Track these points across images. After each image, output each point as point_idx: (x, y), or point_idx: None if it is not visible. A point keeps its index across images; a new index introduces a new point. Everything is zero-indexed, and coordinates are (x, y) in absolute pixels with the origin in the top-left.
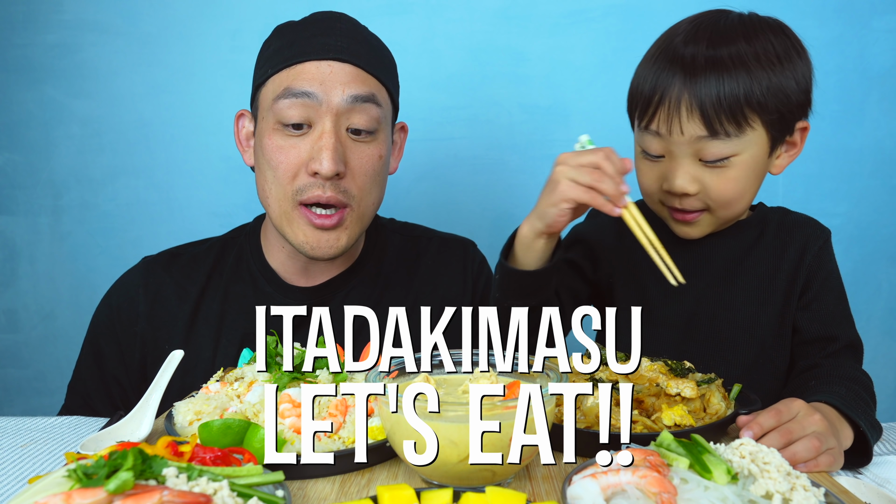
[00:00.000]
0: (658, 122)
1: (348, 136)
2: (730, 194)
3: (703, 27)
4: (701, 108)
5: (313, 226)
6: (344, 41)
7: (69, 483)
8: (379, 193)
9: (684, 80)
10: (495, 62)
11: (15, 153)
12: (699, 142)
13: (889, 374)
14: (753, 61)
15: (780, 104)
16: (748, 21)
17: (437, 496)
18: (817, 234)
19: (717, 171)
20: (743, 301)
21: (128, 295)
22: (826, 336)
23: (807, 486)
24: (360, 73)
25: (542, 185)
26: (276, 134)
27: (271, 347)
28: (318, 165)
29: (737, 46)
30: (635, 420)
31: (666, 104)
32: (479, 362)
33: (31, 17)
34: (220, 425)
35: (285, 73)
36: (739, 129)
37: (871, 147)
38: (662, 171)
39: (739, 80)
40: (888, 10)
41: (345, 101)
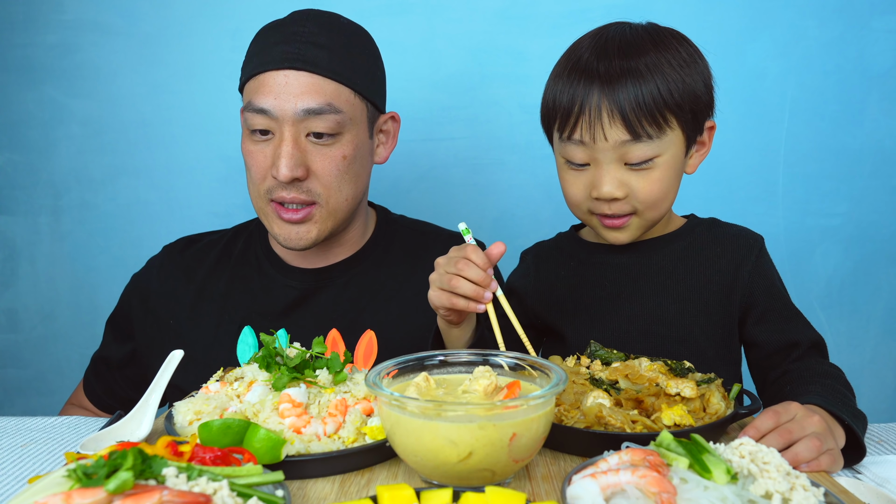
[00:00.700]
0: (581, 131)
1: (309, 140)
2: (656, 194)
3: (611, 40)
4: (622, 113)
5: (283, 220)
6: (302, 48)
7: (69, 483)
8: (351, 190)
9: (602, 88)
10: (495, 62)
11: (15, 153)
12: (623, 146)
13: (889, 374)
14: (666, 66)
15: (693, 104)
16: (652, 31)
17: (436, 496)
18: (750, 244)
19: (641, 173)
20: (675, 314)
21: (146, 276)
22: (788, 344)
23: (806, 486)
24: (316, 82)
25: (542, 185)
26: (248, 139)
27: (270, 347)
28: (276, 171)
29: (648, 55)
30: (635, 420)
31: (587, 113)
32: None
33: (31, 17)
34: (220, 425)
35: (251, 83)
36: (660, 131)
37: (871, 147)
38: (588, 179)
39: (656, 82)
40: (888, 10)
41: (298, 113)
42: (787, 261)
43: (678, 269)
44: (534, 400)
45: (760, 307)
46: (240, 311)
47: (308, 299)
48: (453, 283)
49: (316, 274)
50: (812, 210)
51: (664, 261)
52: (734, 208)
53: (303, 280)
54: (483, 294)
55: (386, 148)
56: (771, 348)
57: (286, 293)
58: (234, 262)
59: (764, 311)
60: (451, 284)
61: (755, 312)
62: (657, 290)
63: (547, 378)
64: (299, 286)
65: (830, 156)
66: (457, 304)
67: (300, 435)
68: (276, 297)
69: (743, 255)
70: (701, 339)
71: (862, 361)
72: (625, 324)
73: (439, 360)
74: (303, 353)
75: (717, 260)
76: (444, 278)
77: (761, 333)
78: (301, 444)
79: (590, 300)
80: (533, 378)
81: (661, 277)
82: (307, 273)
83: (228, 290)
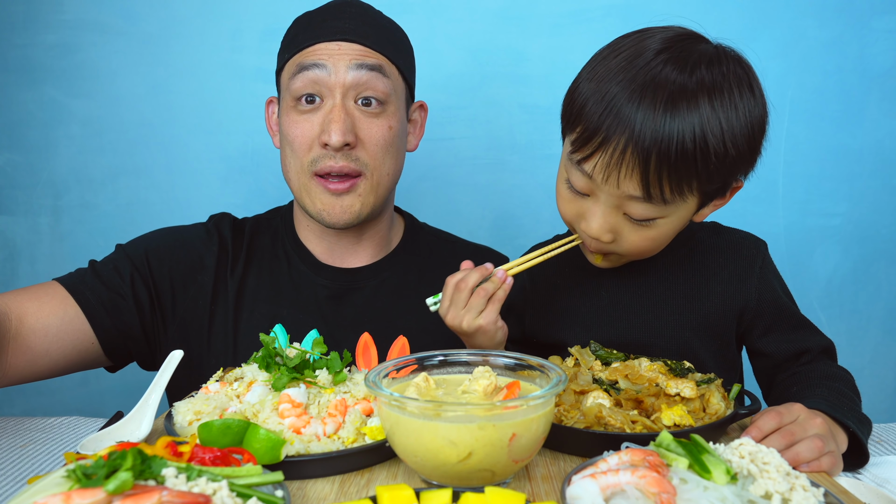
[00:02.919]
0: (594, 166)
1: (357, 107)
2: (642, 248)
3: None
4: (644, 174)
5: (328, 192)
6: (352, 23)
7: (68, 483)
8: (393, 164)
9: (632, 136)
10: (495, 62)
11: (15, 153)
12: (629, 200)
13: (889, 374)
14: (713, 125)
15: (728, 174)
16: (715, 63)
17: (436, 496)
18: (753, 253)
19: (636, 227)
20: (674, 327)
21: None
22: (797, 352)
23: (806, 486)
24: (367, 50)
25: (542, 185)
26: (292, 111)
27: (271, 347)
28: (327, 137)
29: (699, 110)
30: (635, 420)
31: (609, 153)
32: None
33: (31, 17)
34: (220, 425)
35: (299, 55)
36: (676, 199)
37: (871, 147)
38: (582, 208)
39: (696, 149)
40: (888, 10)
41: (352, 70)
42: (787, 261)
43: (679, 278)
44: (533, 400)
45: (767, 320)
46: (270, 307)
47: (340, 299)
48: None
49: (348, 274)
50: (812, 210)
51: (664, 269)
52: (734, 208)
53: (335, 279)
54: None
55: (415, 136)
56: (780, 358)
57: (317, 292)
58: (261, 256)
59: (771, 324)
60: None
61: (762, 325)
62: (656, 301)
63: (547, 378)
64: (331, 285)
65: (830, 156)
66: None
67: (300, 435)
68: (307, 295)
69: (746, 265)
70: (700, 351)
71: (862, 361)
72: (622, 335)
73: (439, 360)
74: (302, 353)
75: (719, 270)
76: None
77: (769, 344)
78: (301, 444)
79: (587, 310)
80: (533, 378)
81: (661, 288)
82: (339, 272)
83: (257, 285)
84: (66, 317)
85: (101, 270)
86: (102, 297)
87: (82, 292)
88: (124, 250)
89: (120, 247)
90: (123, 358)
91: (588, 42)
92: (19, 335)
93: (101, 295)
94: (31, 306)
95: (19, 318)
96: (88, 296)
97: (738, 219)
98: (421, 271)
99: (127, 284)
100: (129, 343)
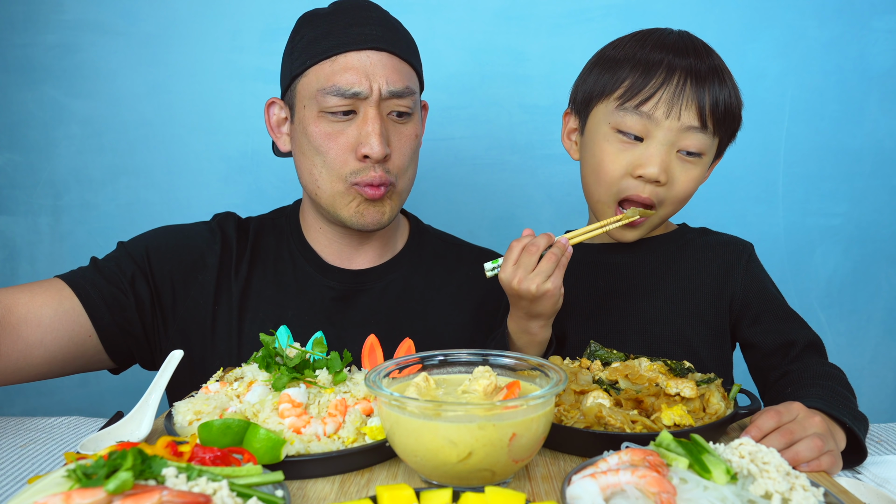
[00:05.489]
0: (657, 103)
1: (390, 119)
2: (688, 192)
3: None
4: (700, 102)
5: (367, 199)
6: (379, 30)
7: (69, 483)
8: (413, 171)
9: (690, 75)
10: (495, 62)
11: (15, 153)
12: (685, 132)
13: (889, 374)
14: (730, 76)
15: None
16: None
17: (436, 496)
18: (739, 250)
19: (686, 165)
20: (668, 314)
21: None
22: (784, 343)
23: (806, 486)
24: (398, 63)
25: (542, 185)
26: (322, 121)
27: (270, 347)
28: (368, 150)
29: (720, 59)
30: (635, 420)
31: (671, 89)
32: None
33: (31, 17)
34: (220, 425)
35: (328, 65)
36: (715, 133)
37: (871, 147)
38: (635, 156)
39: (729, 88)
40: (888, 10)
41: (386, 93)
42: (787, 261)
43: (670, 270)
44: (533, 400)
45: (754, 309)
46: (275, 308)
47: (347, 301)
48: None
49: (354, 276)
50: (812, 210)
51: (657, 262)
52: (734, 208)
53: (341, 281)
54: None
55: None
56: (767, 348)
57: (323, 293)
58: (265, 256)
59: (758, 313)
60: (550, 261)
61: (749, 315)
62: (650, 289)
63: (547, 378)
64: (337, 287)
65: (830, 156)
66: (563, 264)
67: (300, 435)
68: (313, 296)
69: (733, 260)
70: (693, 340)
71: (862, 361)
72: (619, 322)
73: (439, 360)
74: (302, 353)
75: (708, 264)
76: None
77: (756, 335)
78: (301, 444)
79: (585, 298)
80: (533, 378)
81: (653, 278)
82: (346, 274)
83: (262, 286)
84: (61, 308)
85: (103, 267)
86: (103, 292)
87: (82, 286)
88: (126, 248)
89: (121, 244)
90: (125, 357)
91: (588, 42)
92: (8, 324)
93: (102, 289)
94: (22, 297)
95: (8, 307)
96: (89, 290)
97: (738, 219)
98: (426, 274)
99: (128, 281)
100: (130, 341)
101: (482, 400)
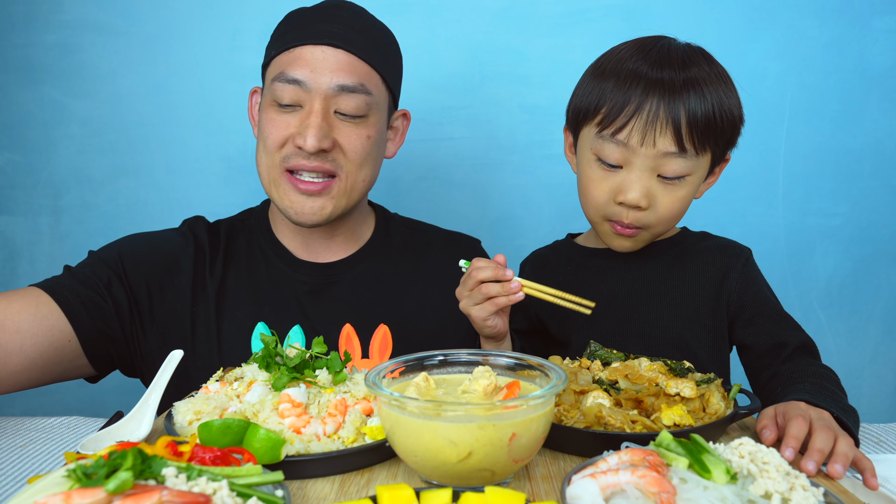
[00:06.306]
0: (630, 132)
1: (337, 116)
2: (675, 212)
3: (667, 50)
4: (675, 125)
5: (298, 191)
6: (342, 29)
7: (68, 483)
8: (369, 172)
9: (663, 96)
10: (495, 62)
11: (15, 153)
12: (664, 157)
13: (889, 374)
14: (718, 82)
15: (731, 132)
16: (696, 48)
17: (436, 496)
18: (736, 254)
19: (669, 188)
20: (668, 318)
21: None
22: (776, 344)
23: (806, 486)
24: (352, 61)
25: (542, 185)
26: (271, 109)
27: (271, 347)
28: (302, 141)
29: (702, 68)
30: (635, 420)
31: (643, 116)
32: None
33: (31, 17)
34: (220, 425)
35: (284, 56)
36: (702, 150)
37: (871, 147)
38: (616, 182)
39: (712, 101)
40: (888, 10)
41: (332, 88)
42: (787, 261)
43: (671, 275)
44: (533, 400)
45: (749, 311)
46: (251, 306)
47: (319, 294)
48: (483, 290)
49: (325, 269)
50: (812, 210)
51: (658, 267)
52: (734, 208)
53: (312, 274)
54: (509, 286)
55: (395, 143)
56: (760, 350)
57: (296, 288)
58: (238, 256)
59: (752, 315)
60: (482, 292)
61: (744, 316)
62: (651, 294)
63: (546, 378)
64: (309, 281)
65: (830, 156)
66: (498, 302)
67: (300, 435)
68: (287, 292)
69: (730, 264)
70: (693, 343)
71: (862, 361)
72: (621, 326)
73: (439, 360)
74: (302, 353)
75: (707, 268)
76: (472, 295)
77: (750, 336)
78: (301, 444)
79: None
80: (533, 378)
81: (655, 283)
82: (316, 268)
83: (237, 285)
84: (39, 313)
85: (78, 272)
86: (81, 296)
87: (59, 291)
88: (98, 255)
89: (93, 252)
90: (104, 361)
91: (588, 42)
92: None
93: (80, 293)
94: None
95: None
96: (66, 294)
97: (737, 219)
98: (396, 261)
99: (104, 286)
100: (110, 345)
101: (482, 400)
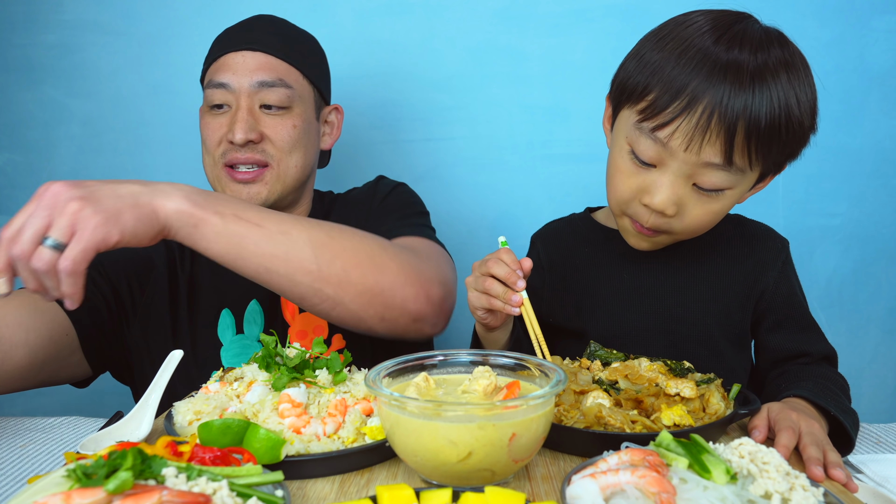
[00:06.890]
0: (673, 132)
1: (262, 111)
2: (703, 224)
3: (740, 32)
4: (729, 133)
5: (236, 181)
6: (261, 35)
7: (68, 483)
8: (300, 159)
9: (725, 104)
10: (495, 62)
11: (15, 153)
12: (704, 167)
13: (889, 374)
14: (793, 78)
15: (799, 141)
16: (774, 31)
17: (436, 496)
18: (777, 247)
19: (703, 199)
20: (698, 314)
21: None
22: (798, 353)
23: (806, 486)
24: (269, 60)
25: (542, 185)
26: (207, 114)
27: (270, 347)
28: (231, 135)
29: (781, 83)
30: (635, 420)
31: (694, 117)
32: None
33: (31, 17)
34: (220, 425)
35: (213, 67)
36: (749, 168)
37: (871, 147)
38: (645, 181)
39: (782, 99)
40: (888, 10)
41: (253, 86)
42: None
43: (702, 265)
44: (533, 400)
45: (777, 314)
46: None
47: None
48: (486, 284)
49: None
50: (812, 210)
51: (688, 255)
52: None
53: None
54: (511, 297)
55: (331, 136)
56: (780, 355)
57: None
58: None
59: (780, 319)
60: (485, 286)
61: (771, 318)
62: (680, 287)
63: (547, 378)
64: None
65: (830, 156)
66: (494, 304)
67: (300, 435)
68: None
69: (770, 258)
70: (721, 341)
71: (862, 361)
72: (645, 320)
73: (439, 359)
74: (302, 353)
75: (743, 259)
76: (478, 280)
77: (774, 340)
78: (301, 444)
79: (607, 293)
80: (533, 378)
81: (684, 274)
82: None
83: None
84: (39, 308)
85: None
86: None
87: None
88: None
89: None
90: (97, 355)
91: (588, 42)
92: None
93: None
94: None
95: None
96: None
97: None
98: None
99: (90, 280)
100: (102, 339)
101: (482, 400)
